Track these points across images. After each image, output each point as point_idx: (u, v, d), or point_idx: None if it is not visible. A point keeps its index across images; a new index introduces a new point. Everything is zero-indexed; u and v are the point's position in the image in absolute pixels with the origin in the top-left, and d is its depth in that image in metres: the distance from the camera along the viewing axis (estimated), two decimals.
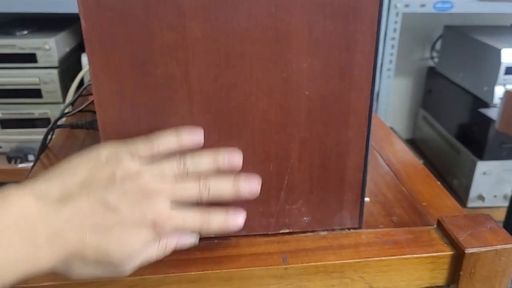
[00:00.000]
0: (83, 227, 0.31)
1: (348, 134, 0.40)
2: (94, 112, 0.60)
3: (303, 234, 0.44)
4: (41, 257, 0.30)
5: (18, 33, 1.20)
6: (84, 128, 0.57)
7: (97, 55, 0.35)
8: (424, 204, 0.49)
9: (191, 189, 0.35)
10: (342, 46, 0.37)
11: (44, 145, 0.57)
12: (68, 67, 1.26)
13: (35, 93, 1.20)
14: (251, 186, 0.36)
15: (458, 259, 0.41)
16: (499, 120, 0.97)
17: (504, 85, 1.19)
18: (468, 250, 0.40)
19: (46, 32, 1.22)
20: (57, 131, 0.60)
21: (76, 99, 0.60)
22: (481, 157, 1.22)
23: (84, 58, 1.16)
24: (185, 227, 0.35)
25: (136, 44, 0.35)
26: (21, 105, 1.22)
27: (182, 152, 0.36)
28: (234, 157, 0.37)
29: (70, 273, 0.33)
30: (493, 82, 1.19)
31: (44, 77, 1.19)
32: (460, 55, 1.35)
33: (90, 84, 0.65)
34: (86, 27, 0.34)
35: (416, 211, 0.48)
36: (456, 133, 1.35)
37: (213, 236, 0.43)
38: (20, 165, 1.24)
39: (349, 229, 0.44)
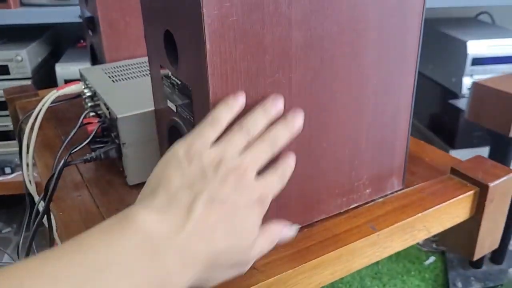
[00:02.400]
0: (208, 234, 0.31)
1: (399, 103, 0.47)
2: (98, 141, 0.56)
3: (367, 205, 0.50)
4: (176, 283, 0.30)
5: None
6: (99, 160, 0.53)
7: (218, 75, 0.35)
8: (427, 159, 0.60)
9: (265, 152, 0.35)
10: (398, 36, 0.44)
11: (54, 189, 0.51)
12: (42, 77, 1.20)
13: None
14: (298, 121, 0.38)
15: (482, 194, 0.52)
16: (468, 110, 1.00)
17: (471, 75, 1.21)
18: (491, 184, 0.51)
19: (17, 44, 1.17)
20: None
21: (75, 132, 0.54)
22: (453, 146, 1.24)
23: (59, 68, 1.07)
24: (278, 188, 0.36)
25: (252, 59, 0.36)
26: None
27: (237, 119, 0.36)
28: (278, 103, 0.37)
29: (204, 285, 0.32)
30: (460, 73, 1.21)
31: None
32: (429, 48, 1.34)
33: (86, 113, 0.60)
34: (211, 49, 0.34)
35: (428, 166, 0.58)
36: (427, 123, 1.37)
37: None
38: None
39: (397, 191, 0.52)
